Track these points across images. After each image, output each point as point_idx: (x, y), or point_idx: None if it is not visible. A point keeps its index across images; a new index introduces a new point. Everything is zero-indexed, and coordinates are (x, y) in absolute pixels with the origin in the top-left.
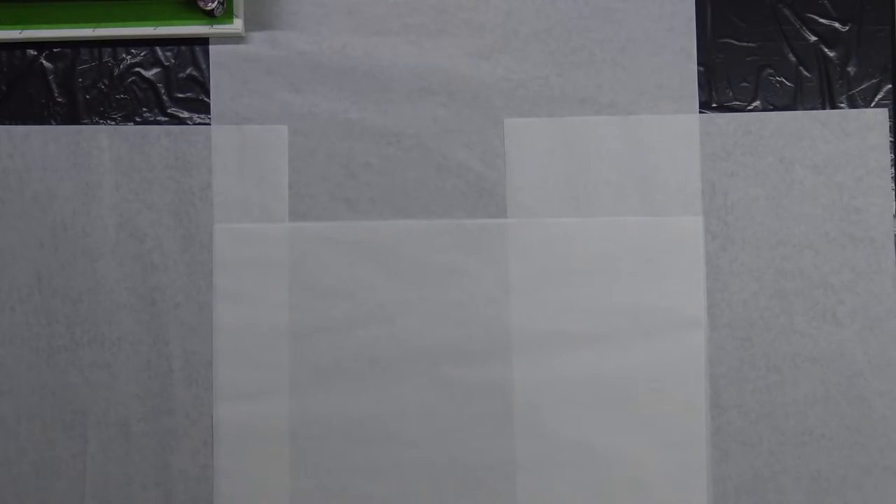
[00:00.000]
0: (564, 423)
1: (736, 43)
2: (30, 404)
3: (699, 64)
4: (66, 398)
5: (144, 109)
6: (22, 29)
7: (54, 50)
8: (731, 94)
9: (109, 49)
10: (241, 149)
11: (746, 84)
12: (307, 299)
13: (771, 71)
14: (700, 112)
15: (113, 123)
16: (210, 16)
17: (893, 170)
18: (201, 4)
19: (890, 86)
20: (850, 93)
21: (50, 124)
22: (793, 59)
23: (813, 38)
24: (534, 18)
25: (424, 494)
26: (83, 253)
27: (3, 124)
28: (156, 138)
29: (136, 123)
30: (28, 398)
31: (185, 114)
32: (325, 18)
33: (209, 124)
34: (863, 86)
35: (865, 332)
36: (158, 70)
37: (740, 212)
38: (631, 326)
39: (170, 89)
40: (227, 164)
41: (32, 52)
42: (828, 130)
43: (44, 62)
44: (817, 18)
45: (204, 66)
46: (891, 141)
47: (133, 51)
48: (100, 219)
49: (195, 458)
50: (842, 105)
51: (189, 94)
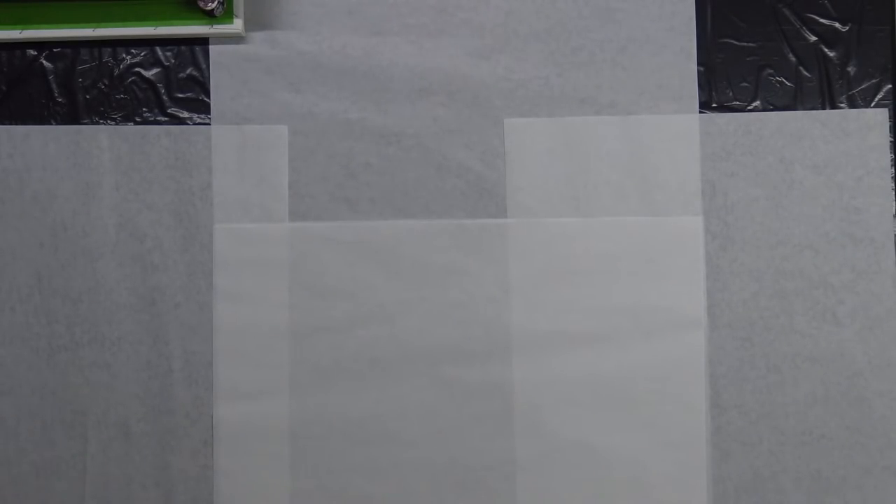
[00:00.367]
0: (564, 423)
1: (736, 43)
2: (30, 404)
3: (699, 64)
4: (66, 398)
5: (144, 109)
6: (22, 29)
7: (54, 50)
8: (731, 94)
9: (109, 49)
10: (241, 149)
11: (746, 84)
12: (307, 299)
13: (771, 71)
14: (700, 112)
15: (113, 123)
16: (210, 16)
17: (893, 170)
18: (201, 4)
19: (890, 86)
20: (850, 93)
21: (50, 124)
22: (793, 59)
23: (813, 38)
24: (534, 18)
25: (424, 494)
26: (83, 253)
27: (3, 124)
28: (156, 138)
29: (136, 123)
30: (28, 398)
31: (185, 114)
32: (325, 18)
33: (209, 124)
34: (863, 86)
35: (865, 332)
36: (158, 70)
37: (740, 212)
38: (631, 326)
39: (170, 89)
40: (227, 164)
41: (32, 52)
42: (828, 130)
43: (44, 62)
44: (817, 18)
45: (204, 66)
46: (891, 141)
47: (133, 51)
48: (100, 219)
49: (195, 458)
50: (842, 105)
51: (189, 94)
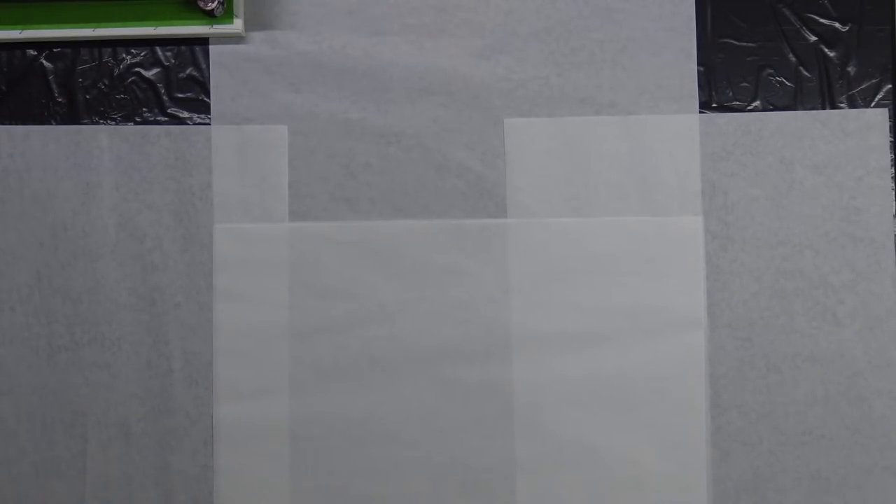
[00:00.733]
0: (564, 423)
1: (736, 43)
2: (30, 404)
3: (699, 64)
4: (66, 398)
5: (144, 109)
6: (22, 29)
7: (54, 50)
8: (731, 94)
9: (109, 49)
10: (241, 149)
11: (746, 84)
12: (307, 299)
13: (771, 71)
14: (700, 112)
15: (113, 123)
16: (210, 16)
17: (893, 170)
18: (201, 4)
19: (890, 86)
20: (850, 93)
21: (50, 124)
22: (793, 59)
23: (813, 38)
24: (534, 18)
25: (424, 494)
26: (83, 253)
27: (3, 124)
28: (156, 138)
29: (136, 123)
30: (28, 398)
31: (185, 114)
32: (325, 18)
33: (209, 124)
34: (863, 86)
35: (865, 332)
36: (158, 70)
37: (740, 212)
38: (631, 326)
39: (170, 89)
40: (227, 164)
41: (32, 52)
42: (828, 130)
43: (44, 62)
44: (817, 18)
45: (204, 66)
46: (891, 141)
47: (133, 51)
48: (100, 219)
49: (195, 458)
50: (842, 105)
51: (189, 94)
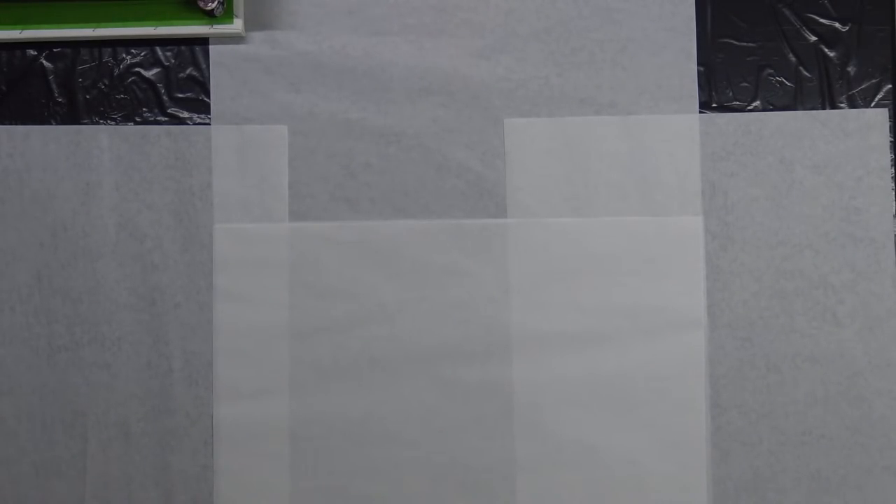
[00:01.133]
0: (564, 423)
1: (736, 43)
2: (30, 404)
3: (699, 64)
4: (66, 398)
5: (144, 109)
6: (22, 29)
7: (54, 50)
8: (731, 94)
9: (109, 49)
10: (241, 149)
11: (746, 84)
12: (307, 299)
13: (771, 71)
14: (700, 112)
15: (113, 123)
16: (210, 16)
17: (893, 170)
18: (201, 4)
19: (890, 86)
20: (850, 93)
21: (50, 124)
22: (793, 59)
23: (813, 38)
24: (534, 18)
25: (424, 494)
26: (83, 253)
27: (3, 124)
28: (156, 138)
29: (136, 123)
30: (28, 398)
31: (185, 114)
32: (325, 18)
33: (209, 124)
34: (863, 86)
35: (865, 332)
36: (158, 70)
37: (740, 212)
38: (631, 326)
39: (170, 89)
40: (227, 164)
41: (32, 52)
42: (828, 130)
43: (44, 62)
44: (817, 18)
45: (204, 66)
46: (891, 141)
47: (133, 51)
48: (100, 219)
49: (195, 458)
50: (842, 105)
51: (189, 94)
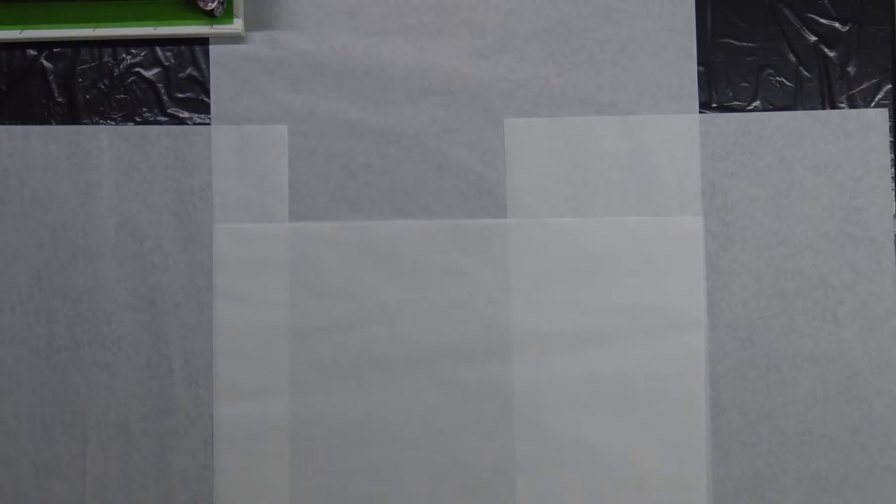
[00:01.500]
0: (564, 423)
1: (736, 43)
2: (30, 404)
3: (699, 64)
4: (66, 398)
5: (144, 109)
6: (22, 29)
7: (54, 50)
8: (731, 94)
9: (109, 49)
10: (241, 149)
11: (746, 84)
12: (307, 299)
13: (771, 71)
14: (700, 112)
15: (113, 123)
16: (210, 16)
17: (893, 170)
18: (201, 4)
19: (890, 86)
20: (850, 93)
21: (50, 124)
22: (793, 59)
23: (813, 38)
24: (534, 18)
25: (424, 494)
26: (83, 253)
27: (3, 124)
28: (156, 138)
29: (136, 123)
30: (28, 398)
31: (185, 114)
32: (325, 18)
33: (209, 124)
34: (863, 86)
35: (865, 332)
36: (158, 70)
37: (740, 212)
38: (631, 326)
39: (170, 89)
40: (227, 164)
41: (32, 52)
42: (828, 130)
43: (44, 62)
44: (817, 18)
45: (204, 66)
46: (891, 141)
47: (133, 51)
48: (100, 219)
49: (195, 458)
50: (842, 105)
51: (189, 94)
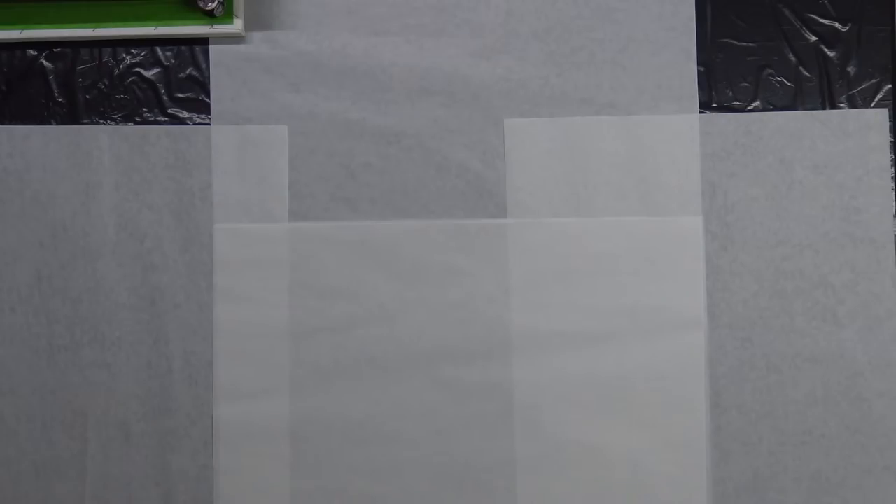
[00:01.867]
0: (564, 423)
1: (736, 43)
2: (30, 404)
3: (699, 64)
4: (66, 398)
5: (144, 109)
6: (22, 29)
7: (54, 50)
8: (731, 94)
9: (109, 49)
10: (241, 149)
11: (746, 84)
12: (307, 299)
13: (771, 71)
14: (700, 112)
15: (113, 123)
16: (210, 16)
17: (893, 170)
18: (201, 4)
19: (890, 86)
20: (850, 93)
21: (50, 124)
22: (793, 59)
23: (813, 38)
24: (534, 18)
25: (424, 494)
26: (83, 253)
27: (3, 124)
28: (156, 138)
29: (136, 123)
30: (28, 398)
31: (185, 114)
32: (325, 18)
33: (209, 124)
34: (863, 86)
35: (865, 332)
36: (158, 70)
37: (740, 212)
38: (631, 326)
39: (170, 89)
40: (227, 164)
41: (32, 52)
42: (828, 130)
43: (44, 62)
44: (817, 18)
45: (204, 66)
46: (891, 141)
47: (133, 51)
48: (100, 219)
49: (195, 458)
50: (842, 105)
51: (189, 94)
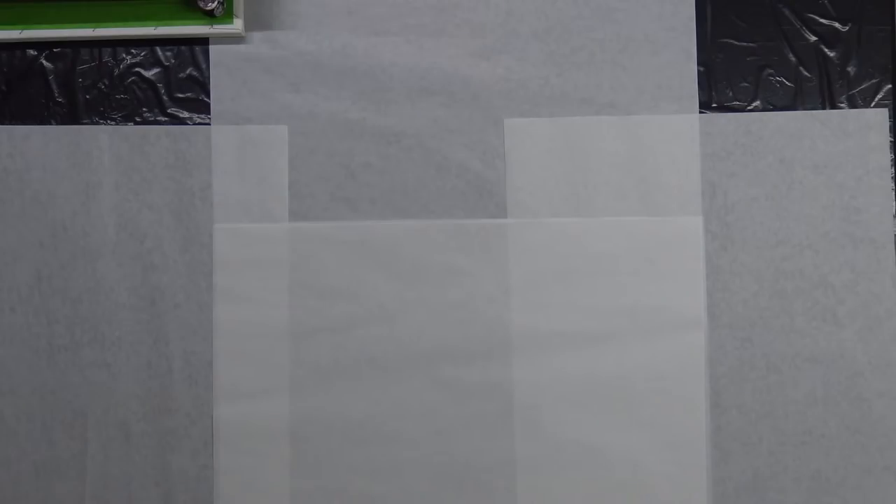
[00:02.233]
0: (564, 423)
1: (736, 43)
2: (30, 404)
3: (699, 64)
4: (66, 398)
5: (144, 109)
6: (22, 29)
7: (54, 50)
8: (731, 94)
9: (109, 49)
10: (241, 149)
11: (746, 84)
12: (307, 299)
13: (771, 71)
14: (700, 112)
15: (113, 123)
16: (210, 16)
17: (893, 170)
18: (201, 4)
19: (890, 86)
20: (850, 93)
21: (50, 124)
22: (793, 59)
23: (813, 38)
24: (534, 18)
25: (424, 494)
26: (83, 253)
27: (3, 124)
28: (156, 138)
29: (136, 123)
30: (28, 398)
31: (185, 114)
32: (325, 18)
33: (209, 124)
34: (863, 86)
35: (865, 332)
36: (158, 70)
37: (740, 212)
38: (631, 326)
39: (170, 89)
40: (227, 164)
41: (32, 52)
42: (828, 130)
43: (44, 62)
44: (817, 18)
45: (204, 66)
46: (891, 141)
47: (133, 51)
48: (100, 219)
49: (195, 458)
50: (842, 105)
51: (189, 94)
